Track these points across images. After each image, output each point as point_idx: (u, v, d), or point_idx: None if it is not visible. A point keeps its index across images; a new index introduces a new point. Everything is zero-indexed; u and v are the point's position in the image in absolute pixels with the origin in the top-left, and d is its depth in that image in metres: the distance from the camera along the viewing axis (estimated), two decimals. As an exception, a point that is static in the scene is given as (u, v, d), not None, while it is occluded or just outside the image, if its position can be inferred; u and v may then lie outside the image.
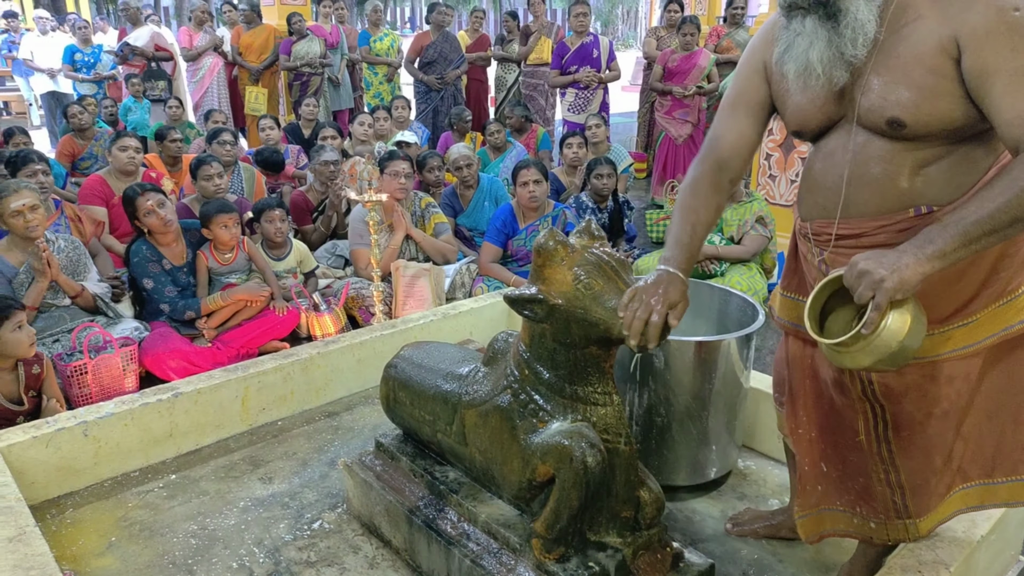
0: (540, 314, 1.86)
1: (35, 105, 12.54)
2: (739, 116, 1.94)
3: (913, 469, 1.86)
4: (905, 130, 1.61)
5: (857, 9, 1.58)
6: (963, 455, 1.87)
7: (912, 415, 1.81)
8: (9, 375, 3.14)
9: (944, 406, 1.79)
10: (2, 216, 3.71)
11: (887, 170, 1.68)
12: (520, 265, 4.82)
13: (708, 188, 1.94)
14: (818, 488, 2.05)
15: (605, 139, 6.83)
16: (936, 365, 1.76)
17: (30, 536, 2.09)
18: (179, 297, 4.17)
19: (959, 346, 1.75)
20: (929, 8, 1.57)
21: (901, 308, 1.53)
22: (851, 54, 1.61)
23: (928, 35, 1.56)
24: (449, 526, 2.13)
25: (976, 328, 1.74)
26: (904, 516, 1.91)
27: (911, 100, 1.58)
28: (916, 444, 1.83)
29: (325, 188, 5.58)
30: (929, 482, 1.86)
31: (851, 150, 1.71)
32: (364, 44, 9.18)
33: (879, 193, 1.70)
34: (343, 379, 3.37)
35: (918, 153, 1.64)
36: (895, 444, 1.85)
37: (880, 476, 1.90)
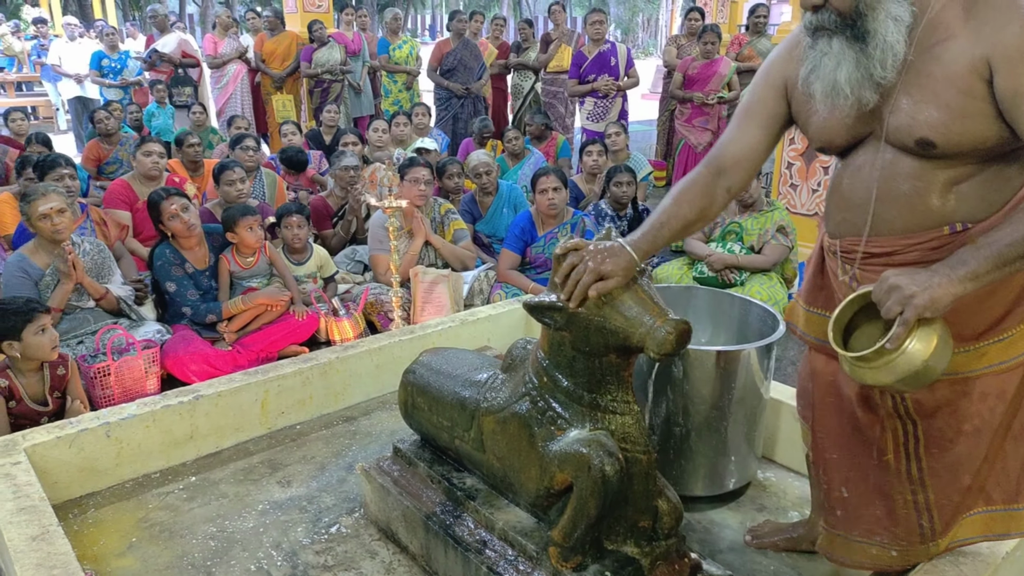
0: (559, 322, 1.86)
1: (62, 110, 12.69)
2: (749, 126, 1.93)
3: (941, 488, 1.83)
4: (935, 150, 1.60)
5: (886, 31, 1.56)
6: (987, 476, 1.84)
7: (943, 432, 1.79)
8: (35, 376, 3.17)
9: (976, 423, 1.77)
10: (30, 219, 3.76)
11: (917, 188, 1.66)
12: (538, 272, 4.82)
13: (700, 189, 1.93)
14: (837, 513, 2.03)
15: (625, 147, 6.83)
16: (969, 381, 1.74)
17: (53, 535, 2.12)
18: (201, 301, 4.21)
19: (993, 362, 1.73)
20: (960, 28, 1.55)
21: (928, 328, 1.51)
22: (880, 75, 1.58)
23: (959, 55, 1.54)
24: (466, 533, 2.13)
25: (1011, 345, 1.72)
26: (928, 540, 1.88)
27: (941, 121, 1.56)
28: (946, 462, 1.81)
29: (345, 193, 5.62)
30: (954, 501, 1.84)
31: (879, 168, 1.69)
32: (383, 52, 9.24)
33: (910, 211, 1.68)
34: (361, 384, 3.38)
35: (949, 171, 1.63)
36: (926, 462, 1.82)
37: (907, 498, 1.87)
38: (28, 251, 3.83)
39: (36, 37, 13.93)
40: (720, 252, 4.85)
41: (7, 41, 14.92)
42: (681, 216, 1.91)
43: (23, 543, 2.08)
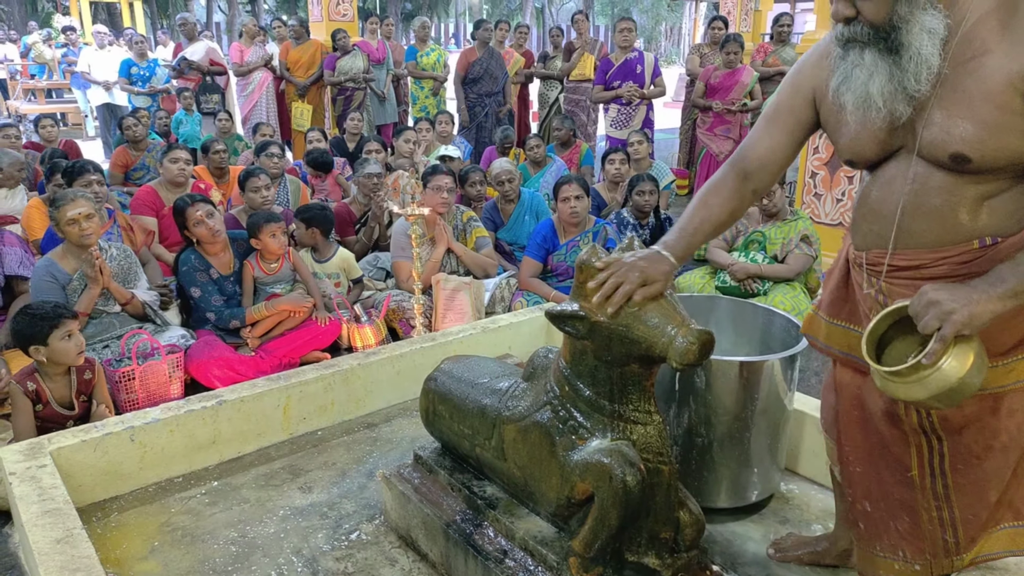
0: (581, 331, 1.85)
1: (91, 117, 12.87)
2: (774, 131, 1.93)
3: (966, 504, 1.80)
4: (970, 165, 1.57)
5: (921, 44, 1.54)
6: (1014, 489, 1.81)
7: (971, 448, 1.76)
8: (62, 380, 3.21)
9: (1004, 439, 1.74)
10: (58, 224, 3.81)
11: (948, 202, 1.64)
12: (560, 280, 4.81)
13: (728, 191, 1.95)
14: (859, 526, 2.01)
15: (647, 155, 6.81)
16: (997, 397, 1.72)
17: (77, 538, 2.14)
18: (225, 306, 4.24)
19: (1022, 378, 1.70)
20: (997, 42, 1.52)
21: (965, 345, 1.50)
22: (914, 88, 1.57)
23: (996, 70, 1.51)
24: (486, 542, 2.12)
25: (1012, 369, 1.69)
26: (954, 554, 1.85)
27: (976, 136, 1.54)
28: (972, 479, 1.78)
29: (368, 200, 5.65)
30: (980, 517, 1.81)
31: (910, 181, 1.68)
32: (411, 59, 9.30)
33: (939, 224, 1.66)
34: (383, 391, 3.39)
35: (981, 186, 1.61)
36: (951, 479, 1.80)
37: (932, 514, 1.84)
38: (56, 256, 3.88)
39: (66, 45, 14.12)
40: (743, 262, 4.82)
41: (38, 49, 15.15)
42: (712, 219, 1.94)
43: (47, 545, 2.10)
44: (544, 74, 9.28)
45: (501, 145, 7.35)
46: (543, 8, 44.11)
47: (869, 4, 1.56)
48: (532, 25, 40.15)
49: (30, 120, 9.65)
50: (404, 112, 10.08)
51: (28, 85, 14.74)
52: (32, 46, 15.32)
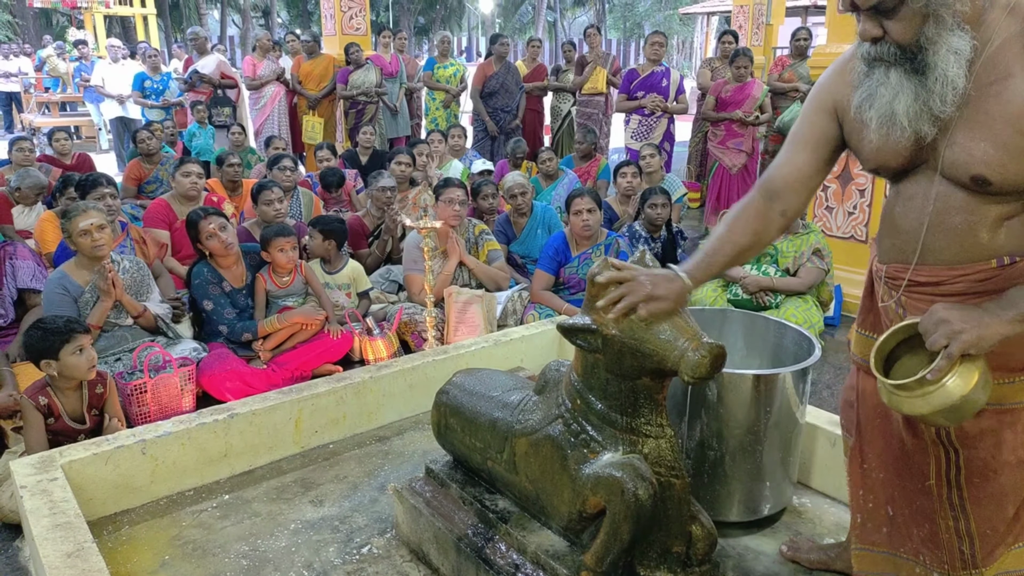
0: (593, 344, 1.85)
1: (104, 130, 12.97)
2: (799, 150, 1.93)
3: (984, 517, 1.80)
4: (990, 187, 1.59)
5: (947, 65, 1.54)
6: None
7: (986, 462, 1.77)
8: (73, 394, 3.21)
9: (1020, 454, 1.75)
10: (71, 235, 3.83)
11: (968, 221, 1.65)
12: (572, 293, 4.81)
13: (752, 214, 1.95)
14: (882, 530, 2.01)
15: (659, 168, 6.81)
16: (1014, 412, 1.73)
17: (87, 552, 2.14)
18: (237, 319, 4.25)
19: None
20: (1019, 67, 1.53)
21: (971, 364, 1.53)
22: (939, 109, 1.57)
23: (1017, 94, 1.53)
24: (498, 556, 2.11)
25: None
26: (971, 567, 1.85)
27: (998, 159, 1.55)
28: (988, 492, 1.79)
29: (381, 214, 5.66)
30: (999, 531, 1.81)
31: (932, 199, 1.69)
32: (429, 69, 9.36)
33: (959, 243, 1.68)
34: (394, 404, 3.39)
35: (1001, 207, 1.62)
36: (967, 491, 1.80)
37: (949, 524, 1.85)
38: (68, 268, 3.90)
39: (80, 59, 14.25)
40: (755, 275, 4.80)
41: (53, 63, 15.31)
42: (733, 242, 1.93)
43: (58, 559, 2.10)
44: (556, 87, 9.30)
45: (513, 157, 7.36)
46: (555, 22, 44.29)
47: (897, 25, 1.56)
48: (545, 39, 40.31)
49: (44, 133, 9.72)
50: (417, 125, 10.12)
51: (42, 98, 14.87)
52: (46, 60, 15.47)
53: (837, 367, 4.44)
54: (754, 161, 7.53)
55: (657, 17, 43.00)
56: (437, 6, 41.80)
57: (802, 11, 19.48)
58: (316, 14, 31.35)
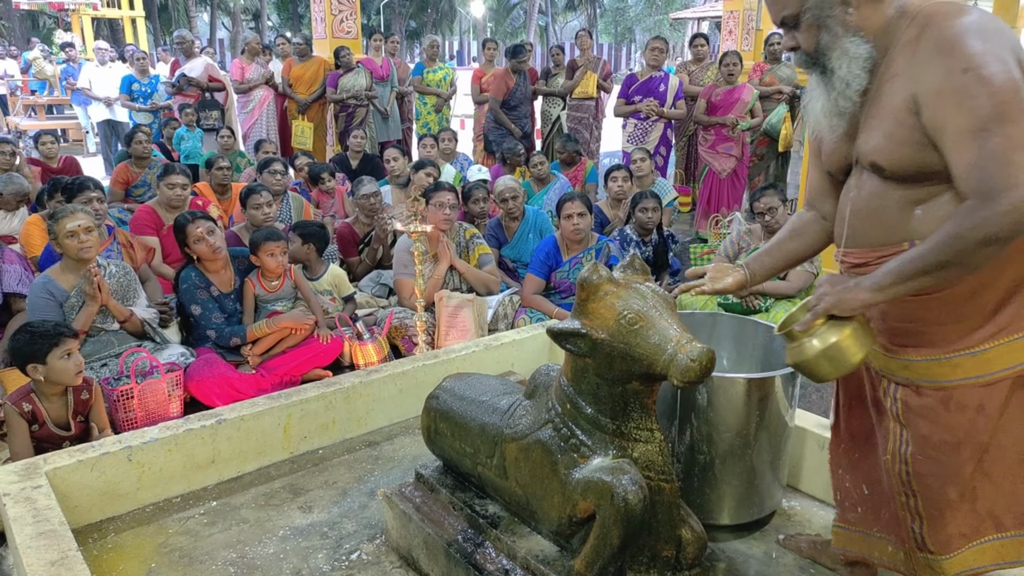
0: (583, 348, 1.84)
1: (91, 133, 12.91)
2: (813, 163, 2.16)
3: (928, 497, 1.88)
4: (885, 172, 1.79)
5: (841, 66, 1.79)
6: (995, 500, 1.86)
7: (927, 439, 1.86)
8: (58, 400, 3.19)
9: (958, 435, 1.82)
10: (57, 237, 3.80)
11: (882, 206, 1.84)
12: (563, 297, 4.80)
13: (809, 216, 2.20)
14: (857, 510, 2.12)
15: (650, 172, 6.82)
16: (947, 391, 1.83)
17: (72, 560, 2.11)
18: (225, 324, 4.22)
19: (969, 375, 1.80)
20: (904, 67, 1.73)
21: (840, 322, 1.77)
22: (843, 106, 1.83)
23: (899, 91, 1.72)
24: (488, 561, 2.10)
25: (986, 360, 1.78)
26: (924, 550, 1.92)
27: (885, 147, 1.76)
28: (930, 471, 1.87)
29: (371, 220, 5.64)
30: (944, 515, 1.87)
31: (855, 187, 1.92)
32: (418, 74, 9.34)
33: (876, 226, 1.86)
34: (384, 409, 3.37)
35: (910, 192, 1.78)
36: (912, 467, 1.89)
37: (902, 500, 1.94)
38: (54, 273, 3.86)
39: (67, 61, 14.19)
40: (745, 278, 4.80)
41: (39, 65, 15.23)
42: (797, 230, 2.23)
43: (42, 568, 2.07)
44: (547, 91, 9.30)
45: (510, 159, 7.36)
46: (547, 26, 44.39)
47: (801, 36, 1.84)
48: (536, 43, 40.38)
49: (30, 136, 9.67)
50: (408, 130, 10.11)
51: (28, 101, 14.79)
52: (32, 62, 15.39)
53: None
54: (743, 165, 7.55)
55: (648, 22, 43.17)
56: (428, 9, 41.86)
57: (791, 16, 19.53)
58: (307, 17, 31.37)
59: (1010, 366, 1.77)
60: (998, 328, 1.77)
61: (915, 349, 1.85)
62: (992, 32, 1.63)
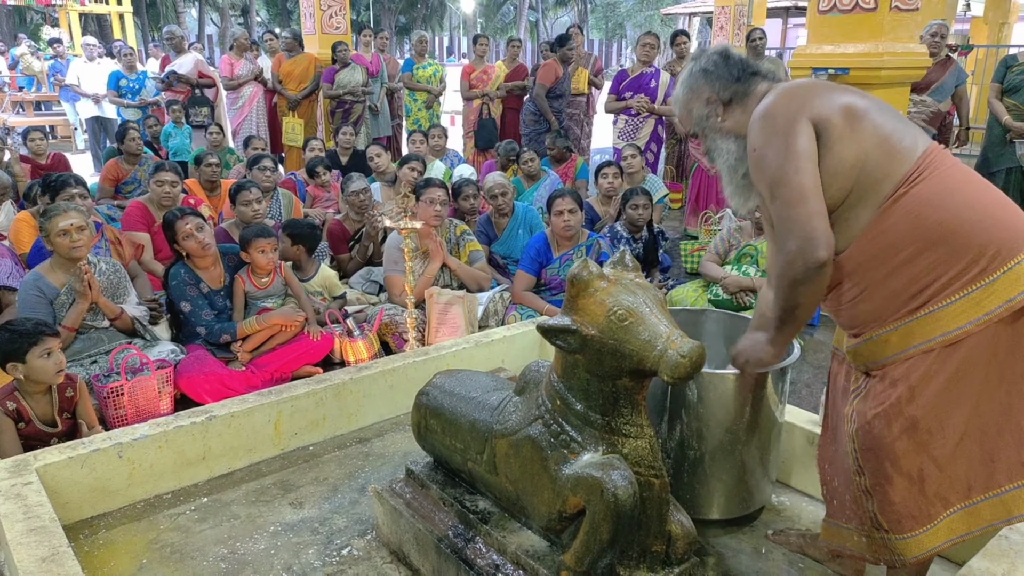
0: (573, 345, 1.85)
1: (80, 129, 12.84)
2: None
3: (870, 471, 1.98)
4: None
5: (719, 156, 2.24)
6: (940, 482, 1.93)
7: (864, 413, 2.00)
8: (43, 398, 3.18)
9: (886, 408, 1.94)
10: (48, 235, 3.78)
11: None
12: (553, 294, 4.81)
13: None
14: (834, 502, 2.17)
15: (641, 169, 6.83)
16: (885, 368, 1.98)
17: (63, 557, 2.11)
18: (215, 321, 4.21)
19: (897, 350, 1.95)
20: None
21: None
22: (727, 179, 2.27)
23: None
24: (478, 556, 2.11)
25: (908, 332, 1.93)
26: (879, 529, 1.99)
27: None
28: (868, 445, 1.98)
29: (360, 217, 5.64)
30: (885, 490, 1.95)
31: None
32: (407, 70, 9.32)
33: None
34: (375, 405, 3.37)
35: None
36: (857, 442, 2.01)
37: (857, 480, 2.03)
38: (44, 270, 3.85)
39: (55, 57, 14.11)
40: (735, 275, 4.83)
41: (26, 61, 15.12)
42: None
43: (32, 564, 2.07)
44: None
45: (506, 157, 7.36)
46: (537, 22, 44.33)
47: (701, 140, 2.31)
48: (526, 39, 40.33)
49: (18, 133, 9.61)
50: (398, 126, 10.10)
51: (16, 97, 14.69)
52: (20, 58, 15.29)
53: (816, 366, 4.46)
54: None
55: (639, 18, 43.14)
56: (418, 5, 41.75)
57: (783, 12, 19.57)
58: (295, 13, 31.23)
59: (929, 339, 1.89)
60: (918, 304, 1.90)
61: (860, 336, 2.03)
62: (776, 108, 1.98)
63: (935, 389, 1.90)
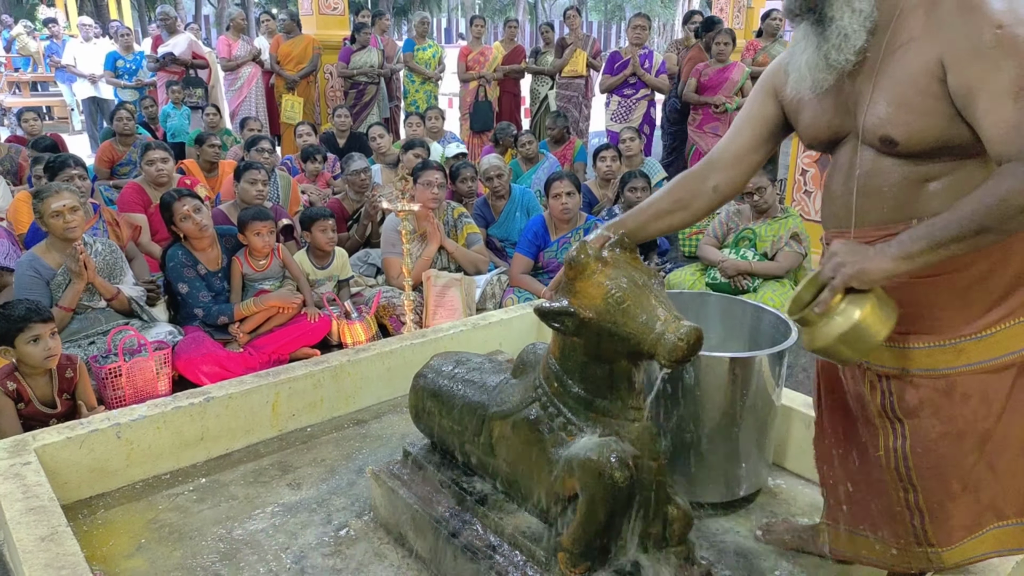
0: (570, 327, 1.85)
1: (76, 110, 12.77)
2: (739, 128, 2.05)
3: (929, 490, 1.83)
4: (898, 147, 1.68)
5: (842, 16, 1.66)
6: (994, 489, 1.82)
7: (927, 432, 1.80)
8: (42, 379, 3.18)
9: (960, 425, 1.77)
10: (42, 217, 3.77)
11: (888, 183, 1.73)
12: (551, 277, 4.80)
13: (683, 182, 2.09)
14: (843, 508, 2.05)
15: (639, 152, 6.82)
16: (950, 379, 1.76)
17: (62, 536, 2.12)
18: (213, 302, 4.21)
19: (972, 361, 1.74)
20: (921, 30, 1.62)
21: (860, 297, 1.61)
22: (835, 59, 1.69)
23: (917, 56, 1.62)
24: (475, 537, 2.12)
25: (992, 344, 1.73)
26: (924, 543, 1.87)
27: (902, 119, 1.64)
28: (931, 464, 1.81)
29: (360, 197, 5.63)
30: (946, 507, 1.82)
31: (857, 164, 1.78)
32: (408, 51, 9.28)
33: (881, 205, 1.75)
34: (372, 387, 3.38)
35: (920, 168, 1.69)
36: (912, 461, 1.83)
37: (899, 496, 1.88)
38: (40, 251, 3.84)
39: (50, 37, 14.01)
40: (733, 258, 4.83)
41: (22, 41, 15.02)
42: (654, 203, 2.10)
43: (32, 543, 2.08)
44: (535, 70, 9.26)
45: (502, 139, 7.34)
46: (536, 3, 44.10)
47: None
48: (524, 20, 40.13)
49: (14, 113, 9.55)
50: (396, 107, 10.06)
51: (12, 78, 14.61)
52: (15, 38, 15.19)
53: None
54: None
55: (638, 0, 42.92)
56: (416, -13, 41.48)
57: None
58: (293, -7, 31.01)
59: (1016, 349, 1.72)
60: (1007, 311, 1.71)
61: (916, 336, 1.76)
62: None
63: (1014, 404, 1.76)
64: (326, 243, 4.66)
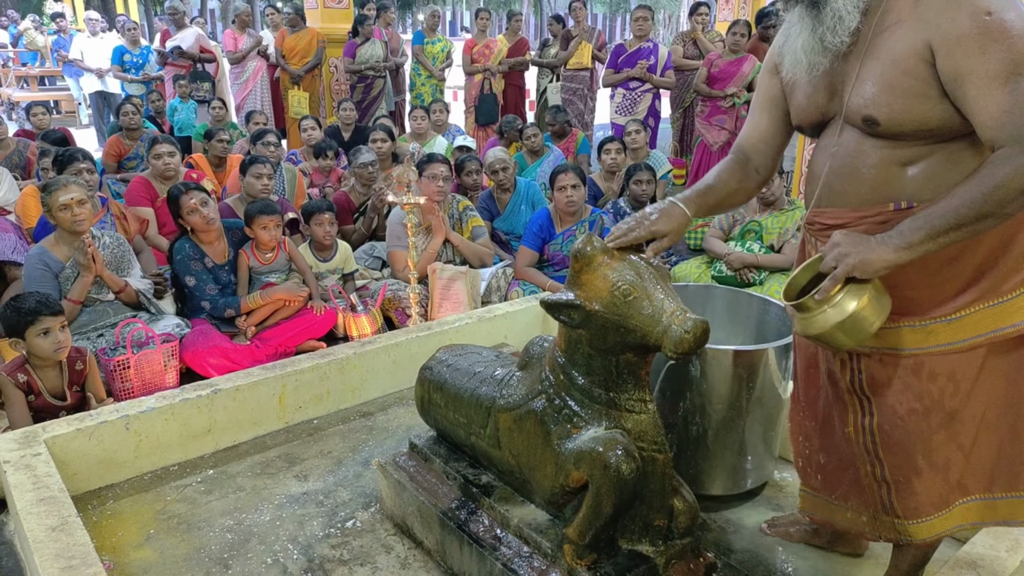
0: (576, 320, 1.85)
1: (84, 104, 12.79)
2: (756, 113, 2.07)
3: (894, 465, 1.87)
4: (879, 128, 1.69)
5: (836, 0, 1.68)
6: (963, 468, 1.86)
7: (894, 408, 1.84)
8: (52, 370, 3.20)
9: (926, 403, 1.81)
10: (50, 210, 3.79)
11: (867, 164, 1.75)
12: (556, 270, 4.81)
13: (735, 166, 2.07)
14: (817, 476, 2.10)
15: (644, 144, 6.80)
16: (919, 359, 1.79)
17: (72, 526, 2.14)
18: (220, 295, 4.23)
19: (942, 342, 1.77)
20: (908, 13, 1.64)
21: (860, 287, 1.64)
22: (830, 42, 1.70)
23: (904, 39, 1.63)
24: (481, 529, 2.13)
25: (961, 326, 1.75)
26: (891, 514, 1.91)
27: (885, 100, 1.66)
28: (896, 439, 1.85)
29: (367, 189, 5.64)
30: (912, 482, 1.86)
31: (837, 144, 1.81)
32: (418, 43, 9.25)
33: (858, 186, 1.78)
34: (378, 380, 3.39)
35: (899, 151, 1.71)
36: (879, 437, 1.88)
37: (867, 469, 1.92)
38: (48, 244, 3.86)
39: (58, 32, 14.04)
40: (739, 251, 4.82)
41: (30, 36, 15.05)
42: (723, 182, 2.05)
43: (42, 533, 2.10)
44: (538, 62, 9.24)
45: (508, 132, 7.32)
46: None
47: None
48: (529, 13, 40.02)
49: (22, 108, 9.58)
50: (401, 101, 10.05)
51: (20, 72, 14.64)
52: (23, 33, 15.21)
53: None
54: (736, 139, 7.52)
55: (643, -9, 42.72)
56: (421, -21, 41.37)
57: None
58: (298, -13, 30.93)
59: (985, 332, 1.75)
60: (978, 295, 1.73)
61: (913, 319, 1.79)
62: None
63: (982, 384, 1.79)
64: (323, 236, 4.64)
